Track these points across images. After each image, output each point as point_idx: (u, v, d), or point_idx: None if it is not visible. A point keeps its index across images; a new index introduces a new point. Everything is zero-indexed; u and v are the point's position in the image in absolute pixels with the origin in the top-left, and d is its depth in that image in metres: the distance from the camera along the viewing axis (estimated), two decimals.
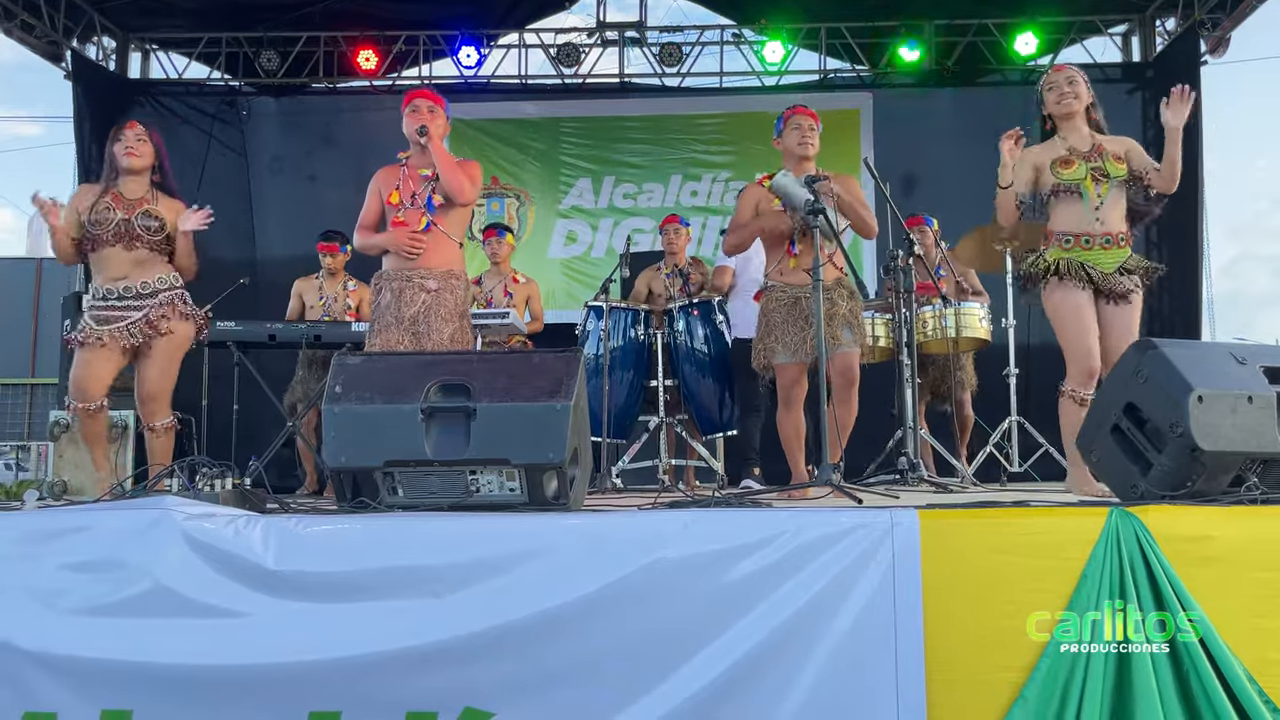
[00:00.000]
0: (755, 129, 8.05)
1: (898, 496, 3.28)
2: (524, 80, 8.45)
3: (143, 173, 4.03)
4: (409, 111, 3.96)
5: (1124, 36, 8.29)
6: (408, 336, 3.77)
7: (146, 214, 3.95)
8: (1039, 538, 2.29)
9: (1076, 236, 3.69)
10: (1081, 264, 3.66)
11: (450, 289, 3.86)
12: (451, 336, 3.81)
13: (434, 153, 3.84)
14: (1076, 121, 3.81)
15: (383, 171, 4.04)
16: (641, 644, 2.24)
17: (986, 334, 5.44)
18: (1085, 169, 3.70)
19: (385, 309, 3.84)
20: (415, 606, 2.28)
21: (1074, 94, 3.79)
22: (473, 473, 2.63)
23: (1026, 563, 2.26)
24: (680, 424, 5.17)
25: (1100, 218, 3.68)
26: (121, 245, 3.92)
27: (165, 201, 4.05)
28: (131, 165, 3.99)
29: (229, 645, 2.26)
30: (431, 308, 3.80)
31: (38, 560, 2.40)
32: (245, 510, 2.53)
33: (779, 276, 4.11)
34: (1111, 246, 3.69)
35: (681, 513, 2.46)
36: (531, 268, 6.85)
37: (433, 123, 3.90)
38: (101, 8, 7.72)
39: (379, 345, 3.80)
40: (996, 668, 2.23)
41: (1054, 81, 3.84)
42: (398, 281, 3.85)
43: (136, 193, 4.00)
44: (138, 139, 4.01)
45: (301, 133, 8.27)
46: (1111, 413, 2.68)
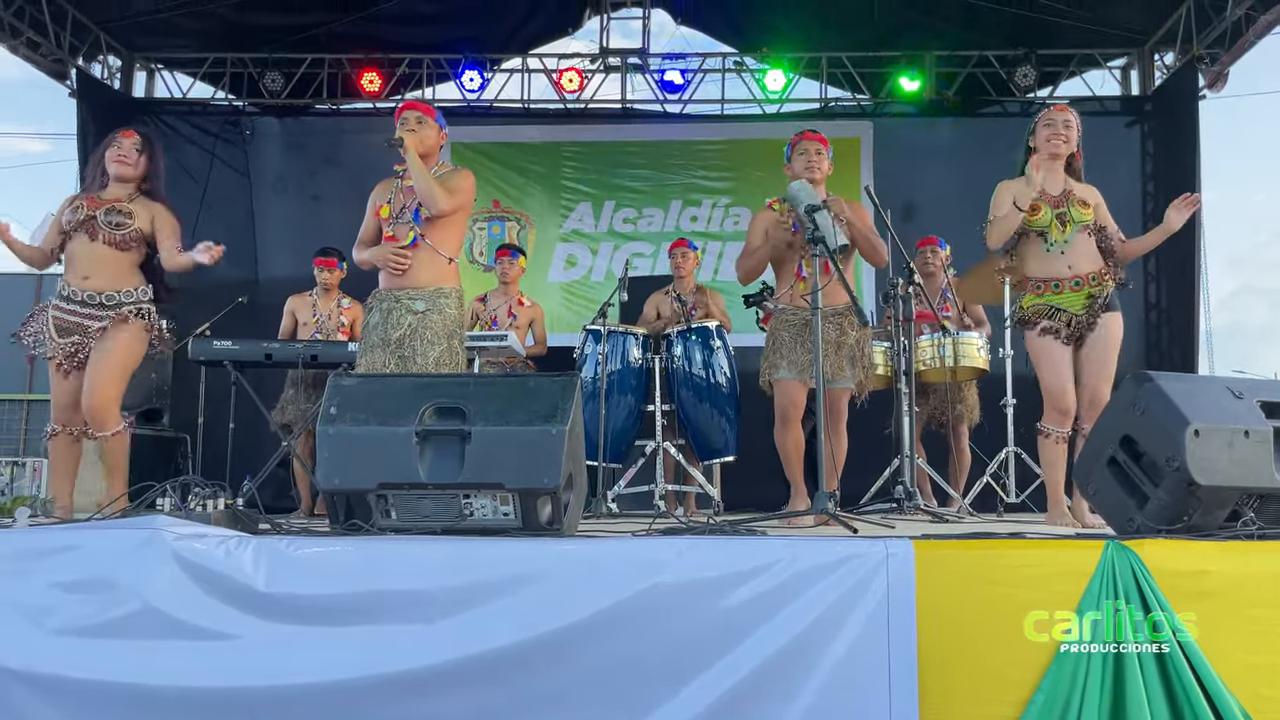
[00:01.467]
0: (756, 156, 8.11)
1: (893, 526, 3.26)
2: (526, 105, 8.51)
3: (129, 181, 3.99)
4: (399, 125, 3.92)
5: (1123, 70, 8.35)
6: (394, 359, 3.73)
7: (112, 209, 3.88)
8: (1034, 570, 2.28)
9: (1046, 282, 3.84)
10: (1052, 307, 3.80)
11: (439, 309, 3.80)
12: (438, 359, 3.75)
13: (409, 164, 3.80)
14: (1057, 164, 3.91)
15: (380, 185, 4.03)
16: (636, 670, 2.22)
17: (985, 364, 5.44)
18: (1050, 215, 3.82)
19: (373, 329, 3.81)
20: (407, 630, 2.26)
21: (1066, 138, 3.89)
22: (466, 496, 2.61)
23: (1021, 595, 2.25)
24: (678, 449, 5.16)
25: (1069, 262, 3.82)
26: (86, 237, 3.85)
27: (146, 205, 3.97)
28: (120, 174, 3.97)
29: (218, 667, 2.24)
30: (417, 330, 3.75)
31: (27, 578, 2.39)
32: (237, 531, 2.51)
33: (789, 299, 4.13)
34: (1081, 288, 3.82)
35: (677, 539, 2.45)
36: (532, 291, 6.86)
37: (418, 133, 3.85)
38: (107, 27, 7.78)
39: (364, 366, 3.76)
40: (991, 701, 2.21)
41: (1052, 120, 3.91)
42: (387, 302, 3.82)
43: (115, 194, 3.96)
44: (134, 149, 3.98)
45: (305, 153, 8.31)
46: (1108, 445, 2.67)
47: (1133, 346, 7.25)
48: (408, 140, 3.81)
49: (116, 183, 3.99)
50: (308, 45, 8.10)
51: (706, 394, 5.07)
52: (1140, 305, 7.67)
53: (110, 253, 3.88)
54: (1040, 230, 3.82)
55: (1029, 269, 3.90)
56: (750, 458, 5.19)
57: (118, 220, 3.87)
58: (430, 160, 3.91)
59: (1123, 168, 7.69)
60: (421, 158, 3.82)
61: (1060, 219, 3.80)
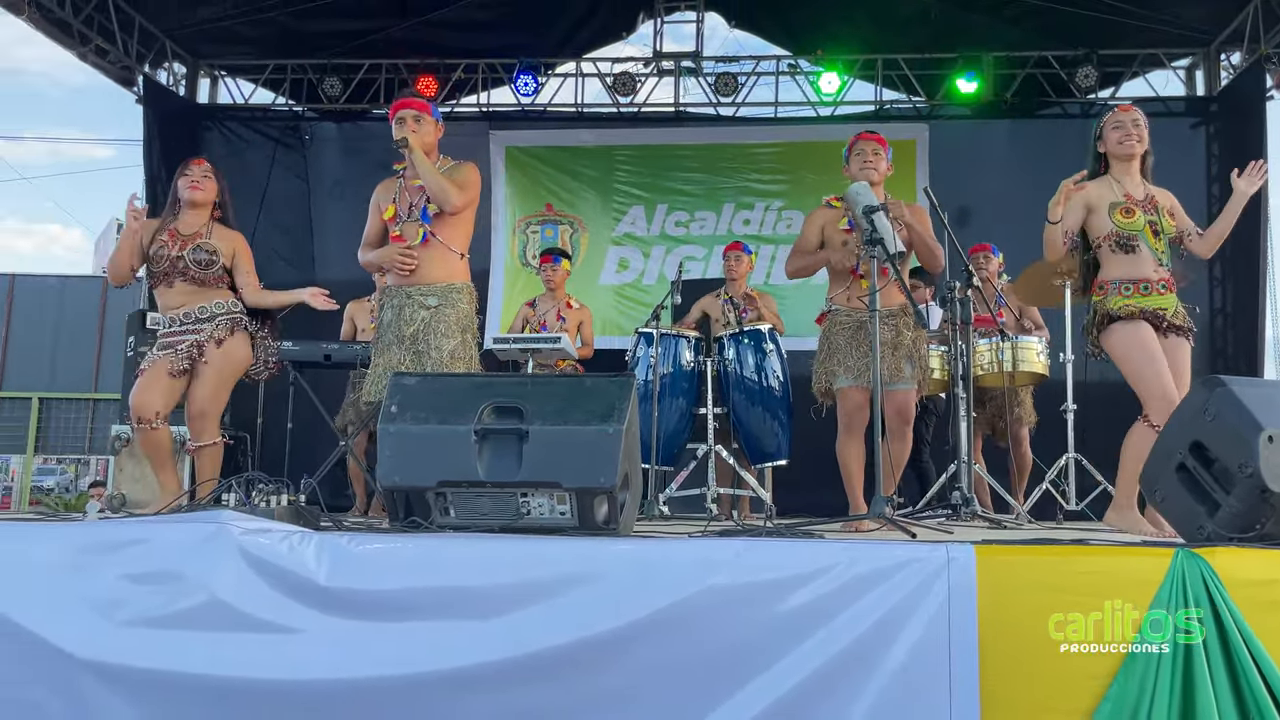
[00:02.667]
0: (810, 159, 8.06)
1: (951, 532, 3.22)
2: (580, 109, 8.54)
3: (203, 206, 4.12)
4: (395, 124, 3.89)
5: (1188, 70, 8.17)
6: (409, 355, 3.74)
7: (198, 248, 4.02)
8: (1101, 577, 2.23)
9: (1136, 283, 3.67)
10: (1142, 308, 3.64)
11: (451, 303, 3.81)
12: (453, 352, 3.75)
13: (416, 163, 3.79)
14: (1131, 165, 3.78)
15: (381, 186, 4.03)
16: (692, 672, 2.22)
17: (1044, 369, 5.35)
18: (1144, 220, 3.68)
19: (387, 327, 3.82)
20: (465, 627, 2.28)
21: (1138, 137, 3.75)
22: (524, 495, 2.63)
23: (1087, 601, 2.20)
24: (732, 453, 5.14)
25: (1156, 264, 3.69)
26: (175, 279, 4.00)
27: (222, 233, 4.12)
28: (194, 199, 4.09)
29: (281, 660, 2.28)
30: (431, 325, 3.76)
31: (97, 571, 2.44)
32: (299, 527, 2.55)
33: (844, 301, 4.09)
34: (1168, 292, 3.70)
35: (734, 541, 2.44)
36: (583, 294, 6.89)
37: (418, 131, 3.84)
38: (173, 35, 7.96)
39: (380, 365, 3.76)
40: (1056, 709, 2.17)
41: (1120, 121, 3.79)
42: (398, 298, 3.83)
43: (193, 226, 4.08)
44: (204, 175, 4.11)
45: (362, 158, 8.41)
46: (1177, 451, 2.62)
47: (1197, 352, 7.07)
48: (411, 139, 3.80)
49: (190, 209, 4.11)
50: (365, 51, 8.22)
51: (759, 397, 5.04)
52: (1205, 310, 7.48)
53: (197, 287, 4.03)
54: (1132, 236, 3.65)
55: (1110, 272, 3.71)
56: (803, 462, 5.16)
57: (206, 259, 4.01)
58: (430, 157, 3.89)
59: (1187, 170, 7.51)
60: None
61: (1153, 228, 3.67)
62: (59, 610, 2.41)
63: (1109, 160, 3.81)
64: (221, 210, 4.18)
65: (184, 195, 4.10)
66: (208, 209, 4.13)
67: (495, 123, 8.44)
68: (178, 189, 4.12)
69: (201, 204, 4.11)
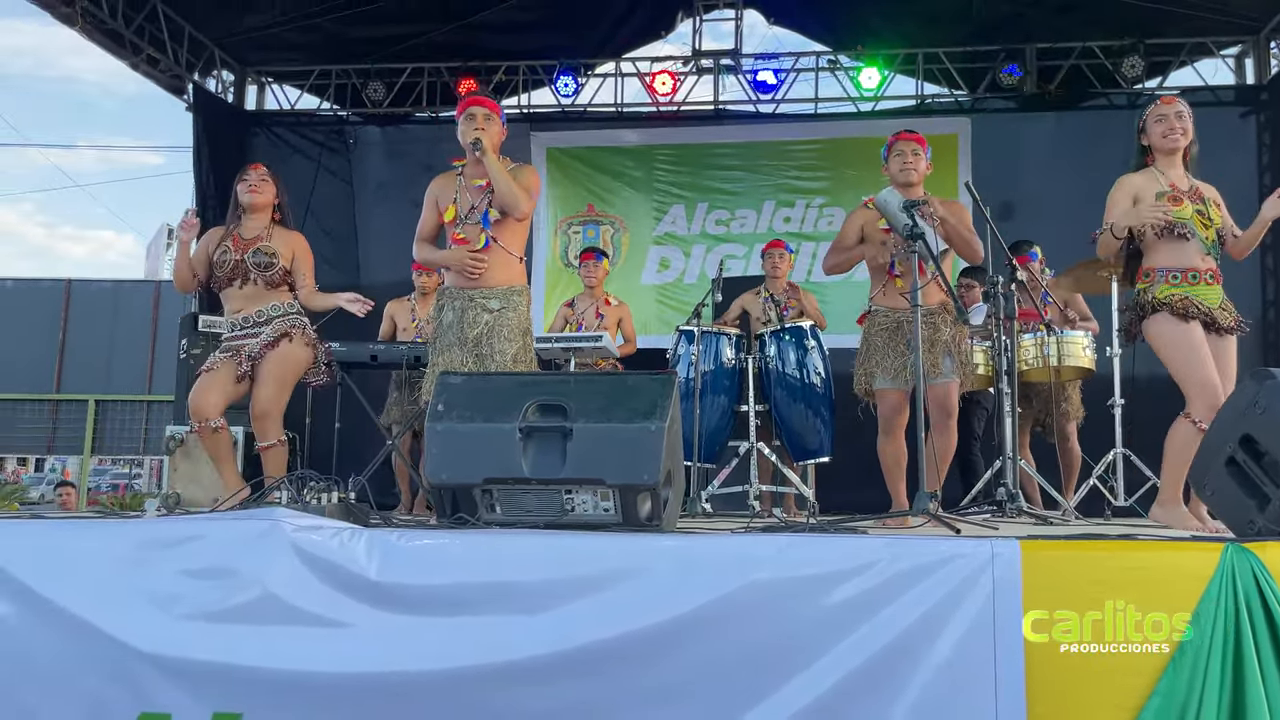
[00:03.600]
0: (851, 155, 8.03)
1: (997, 527, 3.20)
2: (619, 108, 8.58)
3: (263, 210, 4.23)
4: (464, 119, 3.87)
5: (1237, 58, 8.02)
6: (471, 357, 3.76)
7: (258, 251, 4.13)
8: (1149, 573, 2.21)
9: (1184, 271, 3.64)
10: (1189, 297, 3.59)
11: (513, 306, 3.83)
12: (515, 356, 3.77)
13: (489, 167, 3.76)
14: (1175, 158, 3.75)
15: (438, 181, 4.01)
16: (735, 667, 2.23)
17: (1090, 363, 5.28)
18: (1192, 209, 3.64)
19: (448, 328, 3.83)
20: (512, 622, 2.31)
21: (1182, 129, 3.72)
22: (568, 492, 2.67)
23: (1135, 597, 2.18)
24: (774, 450, 5.14)
25: (1204, 254, 3.65)
26: (238, 284, 4.13)
27: (281, 235, 4.23)
28: (253, 202, 4.20)
29: (333, 653, 2.33)
30: (494, 328, 3.78)
31: (156, 566, 2.51)
32: (350, 523, 2.61)
33: (881, 299, 4.08)
34: (1215, 283, 3.66)
35: (777, 536, 2.45)
36: (625, 294, 6.92)
37: (487, 132, 3.82)
38: (222, 43, 8.12)
39: (441, 365, 3.78)
40: (1104, 704, 2.15)
41: (1163, 114, 3.75)
42: (460, 300, 3.84)
43: (254, 230, 4.19)
44: (260, 179, 4.23)
45: (405, 160, 8.52)
46: (1227, 444, 2.58)
47: (1249, 344, 6.93)
48: (485, 140, 3.76)
49: (250, 214, 4.23)
50: (408, 55, 8.32)
51: (801, 394, 5.04)
52: (1258, 302, 7.34)
53: (258, 289, 4.14)
54: (1182, 225, 3.61)
55: (1156, 260, 3.68)
56: (846, 459, 5.15)
57: (265, 261, 4.12)
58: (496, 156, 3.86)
59: (1237, 160, 7.37)
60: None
61: (1201, 216, 3.63)
62: (119, 604, 2.48)
63: (1154, 154, 3.78)
64: (280, 212, 4.29)
65: (243, 200, 4.21)
66: (267, 212, 4.24)
67: (536, 124, 8.50)
68: (237, 195, 4.24)
69: (261, 207, 4.22)
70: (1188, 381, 3.57)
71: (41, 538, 2.63)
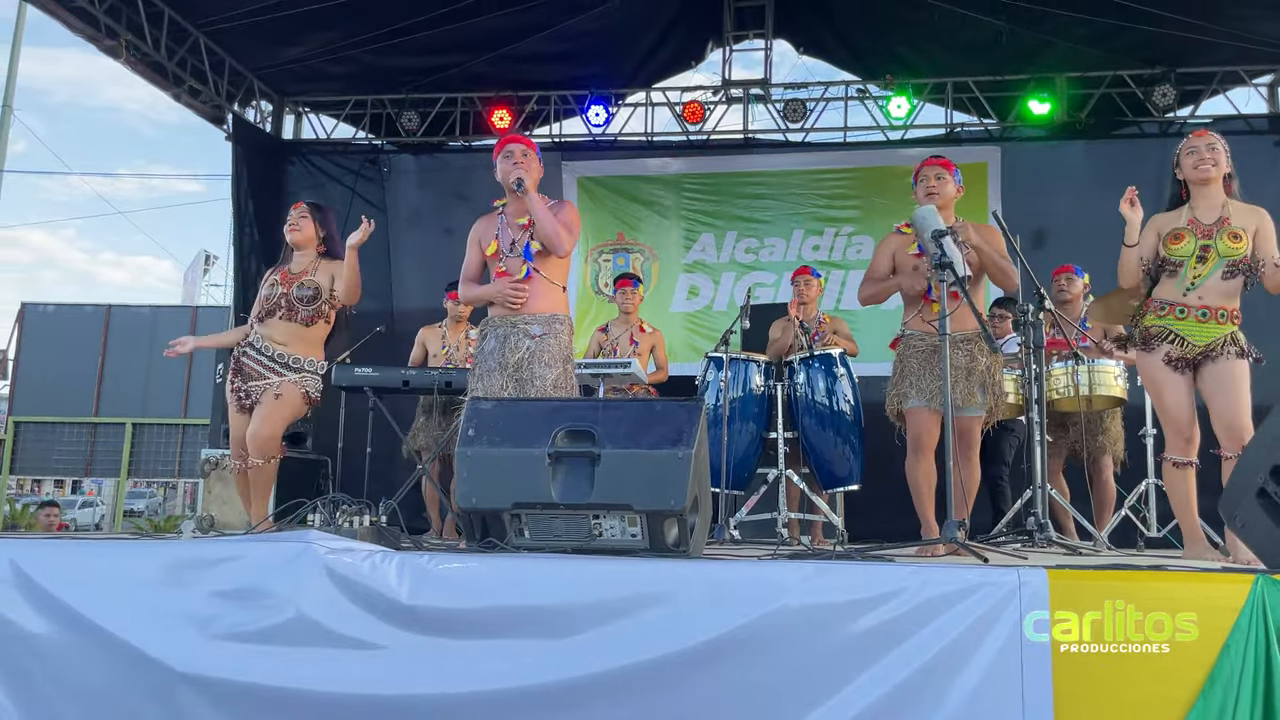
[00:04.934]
0: (880, 183, 8.05)
1: (1026, 557, 3.19)
2: (650, 137, 8.65)
3: (306, 246, 4.40)
4: (502, 157, 3.97)
5: (1270, 86, 7.96)
6: (511, 382, 3.78)
7: (302, 285, 4.30)
8: (1178, 604, 2.20)
9: (1170, 305, 3.68)
10: (1170, 331, 3.64)
11: (554, 334, 3.86)
12: (555, 382, 3.79)
13: (531, 204, 3.83)
14: (1211, 189, 3.74)
15: (481, 222, 4.09)
16: (763, 693, 2.24)
17: (1122, 392, 5.23)
18: (1194, 245, 3.65)
19: (489, 354, 3.86)
20: (540, 646, 2.34)
21: (1213, 160, 3.70)
22: (596, 517, 2.69)
23: (1165, 628, 2.17)
24: (802, 478, 5.14)
25: (1200, 294, 3.63)
26: (279, 315, 4.29)
27: (325, 267, 4.38)
28: (294, 240, 4.40)
29: (364, 675, 2.36)
30: (535, 354, 3.80)
31: (192, 586, 2.56)
32: (381, 547, 2.64)
33: (918, 324, 4.09)
34: (1208, 321, 3.62)
35: (803, 564, 2.46)
36: (655, 321, 6.95)
37: (527, 169, 3.90)
38: (260, 74, 8.29)
39: (481, 390, 3.81)
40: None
41: (1194, 146, 3.76)
42: (503, 328, 3.87)
43: (301, 265, 4.37)
44: (300, 216, 4.42)
45: (438, 188, 8.64)
46: (1257, 475, 2.57)
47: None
48: (527, 180, 3.85)
49: (297, 251, 4.42)
50: (442, 85, 8.46)
51: (830, 422, 5.04)
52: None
53: (299, 329, 4.31)
54: (1176, 262, 3.67)
55: (1157, 292, 3.75)
56: (876, 488, 5.13)
57: (308, 295, 4.29)
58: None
59: (1271, 189, 7.29)
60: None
61: (1203, 252, 3.63)
62: (156, 624, 2.53)
63: (1189, 187, 3.77)
64: (327, 244, 4.44)
65: (288, 239, 4.44)
66: (312, 246, 4.41)
67: (567, 153, 8.59)
68: (286, 234, 4.44)
69: (304, 245, 4.41)
70: (1160, 414, 3.73)
71: (80, 558, 2.69)
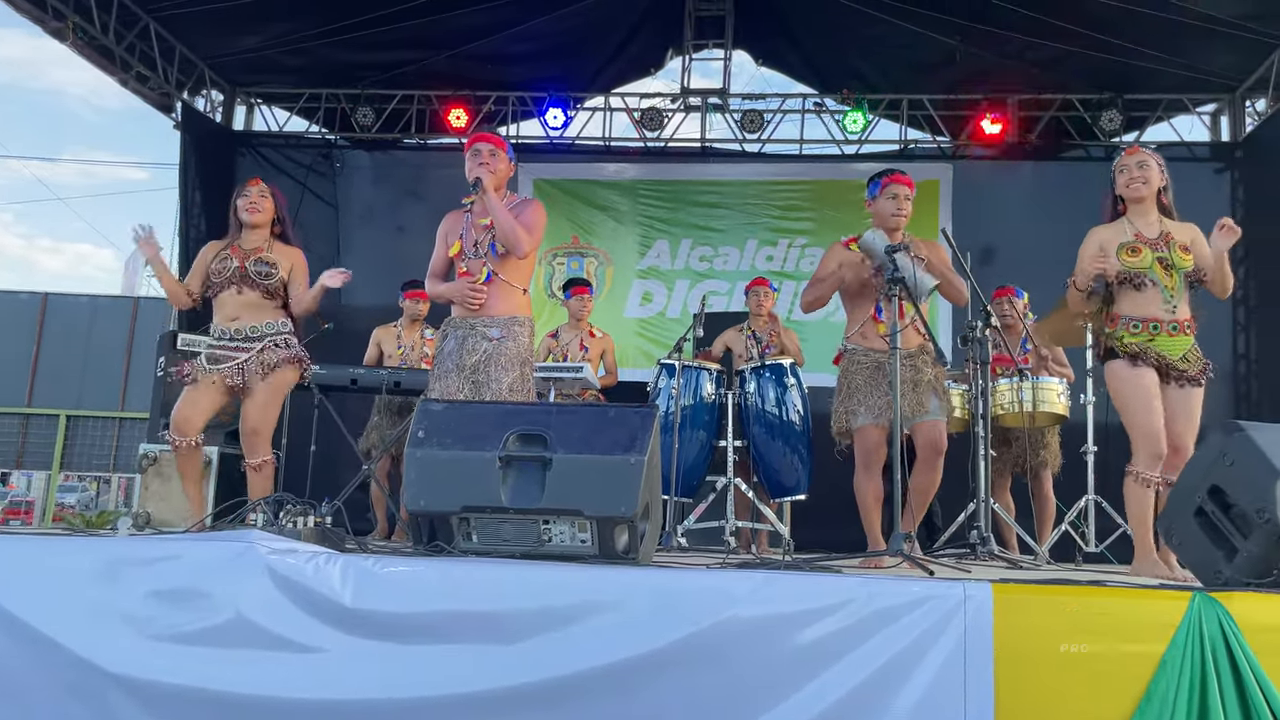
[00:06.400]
0: (834, 197, 8.13)
1: (969, 570, 3.23)
2: (607, 143, 8.64)
3: (262, 226, 4.26)
4: (469, 155, 3.96)
5: (1213, 115, 8.20)
6: (468, 385, 3.76)
7: (260, 260, 4.16)
8: (1117, 619, 2.25)
9: (1145, 321, 3.72)
10: (1149, 348, 3.68)
11: (513, 336, 3.84)
12: (511, 385, 3.78)
13: (490, 204, 3.82)
14: (1145, 206, 3.84)
15: (449, 218, 4.08)
16: (709, 702, 2.24)
17: (1064, 409, 5.34)
18: (1151, 257, 3.73)
19: (447, 355, 3.85)
20: (486, 651, 2.31)
21: (1143, 179, 3.80)
22: (546, 522, 2.67)
23: (1104, 643, 2.21)
24: (751, 487, 5.16)
25: (1174, 305, 3.72)
26: (235, 289, 4.13)
27: (281, 249, 4.27)
28: (252, 220, 4.23)
29: (305, 679, 2.32)
30: (493, 356, 3.79)
31: (127, 586, 2.49)
32: (325, 548, 2.60)
33: (860, 340, 4.10)
34: (1178, 334, 3.71)
35: (753, 573, 2.46)
36: (608, 326, 6.94)
37: (492, 167, 3.89)
38: (212, 63, 8.14)
39: (438, 391, 3.80)
40: None
41: (1125, 165, 3.87)
42: (462, 329, 3.86)
43: (254, 243, 4.23)
44: (260, 195, 4.27)
45: (392, 186, 8.55)
46: (1195, 495, 2.63)
47: (1220, 397, 7.05)
48: (485, 180, 3.83)
49: (250, 229, 4.26)
50: (398, 82, 8.38)
51: (779, 431, 5.06)
52: (1229, 356, 7.46)
53: (257, 298, 4.16)
54: (1140, 274, 3.71)
55: (1122, 308, 3.77)
56: (822, 498, 5.17)
57: (265, 270, 4.16)
58: (498, 193, 3.94)
59: (1212, 216, 7.42)
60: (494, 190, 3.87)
61: (1163, 264, 3.70)
62: (89, 624, 2.46)
63: (1124, 203, 3.87)
64: (281, 227, 4.33)
65: (243, 217, 4.25)
66: (266, 228, 4.28)
67: (523, 155, 8.52)
68: (238, 210, 4.27)
69: (260, 224, 4.26)
70: (1134, 429, 3.68)
71: (9, 553, 2.61)
